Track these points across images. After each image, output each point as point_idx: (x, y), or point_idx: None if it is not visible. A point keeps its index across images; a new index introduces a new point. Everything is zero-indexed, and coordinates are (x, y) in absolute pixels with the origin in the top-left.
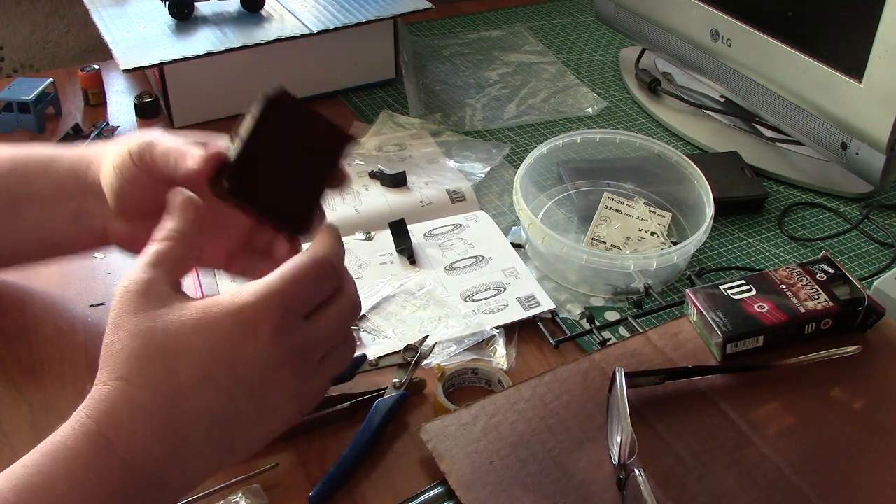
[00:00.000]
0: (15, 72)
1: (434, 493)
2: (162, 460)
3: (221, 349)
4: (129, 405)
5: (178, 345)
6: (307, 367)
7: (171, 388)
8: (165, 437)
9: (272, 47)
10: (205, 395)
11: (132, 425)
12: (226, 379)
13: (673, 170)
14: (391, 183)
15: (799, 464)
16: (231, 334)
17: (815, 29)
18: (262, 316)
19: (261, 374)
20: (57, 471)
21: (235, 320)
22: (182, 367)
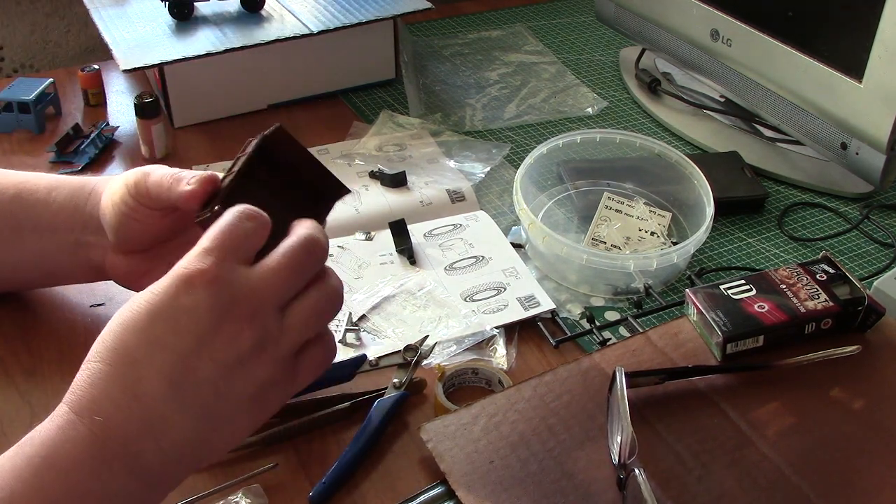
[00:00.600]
0: (15, 72)
1: (434, 493)
2: (127, 427)
3: (160, 307)
4: (93, 380)
5: (126, 317)
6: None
7: (122, 356)
8: (124, 404)
9: (272, 47)
10: (153, 356)
11: (94, 397)
12: (170, 336)
13: (673, 170)
14: (391, 183)
15: (799, 464)
16: (167, 291)
17: (815, 29)
18: (194, 268)
19: (205, 324)
20: (32, 451)
21: (173, 279)
22: (130, 336)
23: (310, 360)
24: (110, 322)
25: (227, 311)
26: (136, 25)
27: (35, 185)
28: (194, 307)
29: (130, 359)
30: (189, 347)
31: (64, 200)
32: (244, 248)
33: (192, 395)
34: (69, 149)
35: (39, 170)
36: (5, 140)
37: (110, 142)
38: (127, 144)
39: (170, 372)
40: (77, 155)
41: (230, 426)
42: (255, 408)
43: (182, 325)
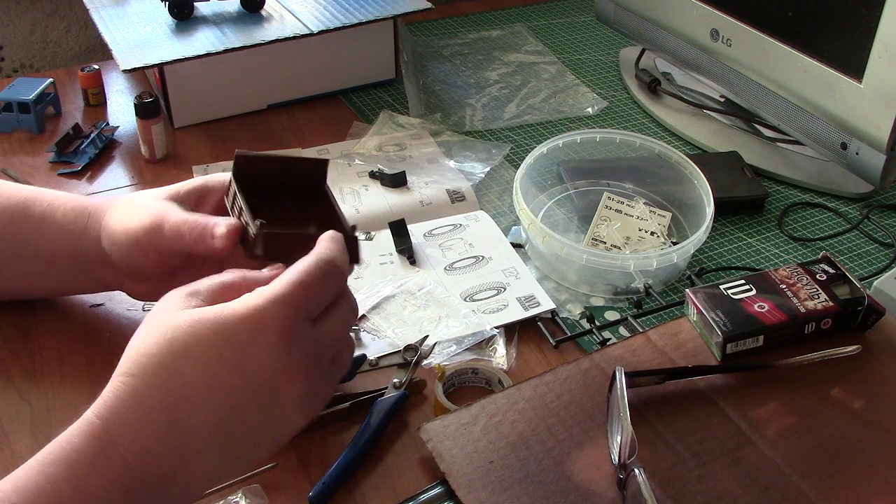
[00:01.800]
0: (15, 72)
1: (434, 493)
2: (164, 461)
3: (229, 351)
4: (135, 402)
5: (186, 344)
6: (317, 372)
7: (176, 388)
8: (168, 438)
9: (272, 47)
10: (210, 396)
11: (135, 423)
12: (232, 381)
13: (673, 170)
14: (391, 183)
15: (799, 464)
16: (239, 337)
17: (815, 29)
18: (271, 318)
19: (269, 378)
20: (60, 471)
21: (245, 323)
22: (188, 367)
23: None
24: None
25: (291, 371)
26: (136, 25)
27: (28, 208)
28: (263, 361)
29: (184, 394)
30: (247, 397)
31: (62, 224)
32: (318, 305)
33: (235, 440)
34: (69, 149)
35: (39, 169)
36: (5, 140)
37: (110, 142)
38: (127, 144)
39: (222, 416)
40: (77, 155)
41: (256, 461)
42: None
43: (248, 374)
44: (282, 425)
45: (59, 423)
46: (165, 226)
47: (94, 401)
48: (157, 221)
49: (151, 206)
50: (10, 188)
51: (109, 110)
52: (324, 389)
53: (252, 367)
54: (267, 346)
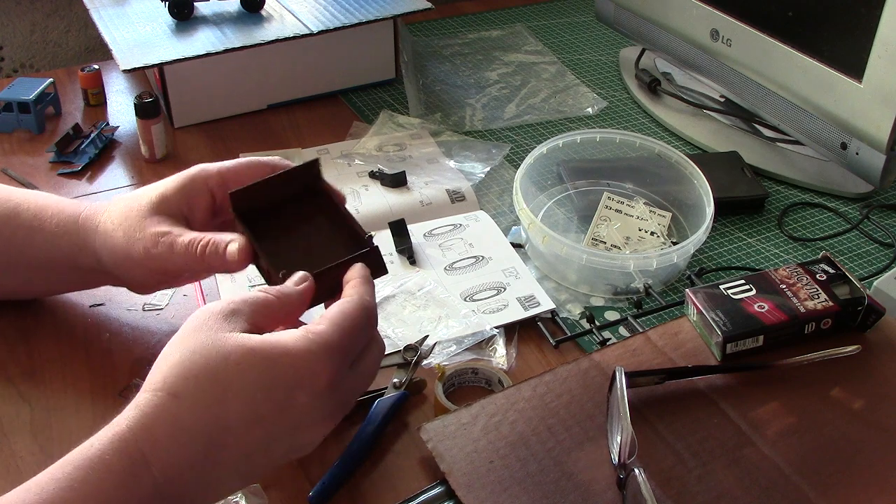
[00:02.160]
0: (15, 72)
1: (434, 493)
2: (191, 486)
3: (277, 392)
4: (172, 424)
5: (234, 375)
6: (344, 410)
7: (217, 417)
8: (200, 465)
9: (272, 47)
10: (249, 431)
11: (171, 446)
12: (273, 420)
13: (673, 170)
14: (391, 183)
15: (799, 464)
16: (287, 378)
17: (815, 29)
18: (321, 365)
19: (306, 420)
20: (89, 487)
21: (294, 364)
22: (232, 399)
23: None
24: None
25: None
26: (136, 25)
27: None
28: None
29: (225, 426)
30: (282, 434)
31: (54, 234)
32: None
33: (258, 469)
34: (69, 149)
35: (39, 169)
36: (5, 140)
37: (110, 142)
38: (127, 144)
39: (254, 450)
40: (77, 155)
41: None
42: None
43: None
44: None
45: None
46: (175, 248)
47: (94, 400)
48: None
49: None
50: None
51: (109, 110)
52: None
53: (296, 409)
54: (314, 391)
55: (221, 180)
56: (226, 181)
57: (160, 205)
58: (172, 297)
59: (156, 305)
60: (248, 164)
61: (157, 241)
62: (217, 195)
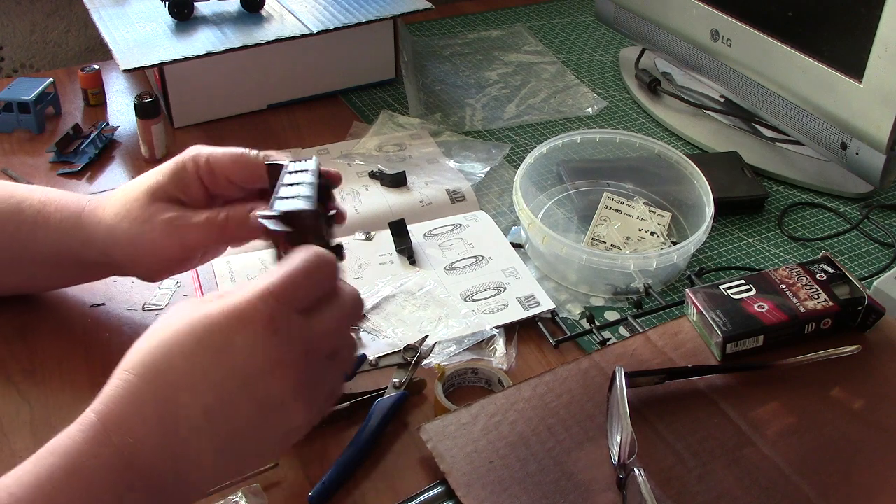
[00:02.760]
0: (15, 72)
1: (434, 493)
2: (157, 453)
3: (213, 341)
4: (129, 397)
5: (178, 338)
6: (312, 365)
7: (167, 380)
8: (158, 429)
9: (272, 47)
10: (197, 388)
11: (127, 415)
12: (218, 371)
13: (673, 170)
14: (391, 183)
15: (799, 464)
16: (223, 327)
17: (815, 29)
18: (255, 309)
19: (256, 368)
20: (57, 461)
21: (229, 313)
22: (178, 361)
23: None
24: (152, 333)
25: (280, 361)
26: (136, 25)
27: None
28: (249, 349)
29: (173, 384)
30: (236, 386)
31: (58, 229)
32: (307, 299)
33: (226, 432)
34: (69, 149)
35: (39, 169)
36: (5, 140)
37: (110, 142)
38: (127, 144)
39: (211, 407)
40: (77, 155)
41: (256, 460)
42: (284, 444)
43: (233, 363)
44: (283, 419)
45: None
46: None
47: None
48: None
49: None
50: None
51: (109, 110)
52: (324, 384)
53: (237, 357)
54: (250, 336)
55: (209, 170)
56: (214, 172)
57: (156, 192)
58: (172, 297)
59: (156, 305)
60: (235, 157)
61: (171, 225)
62: (207, 182)
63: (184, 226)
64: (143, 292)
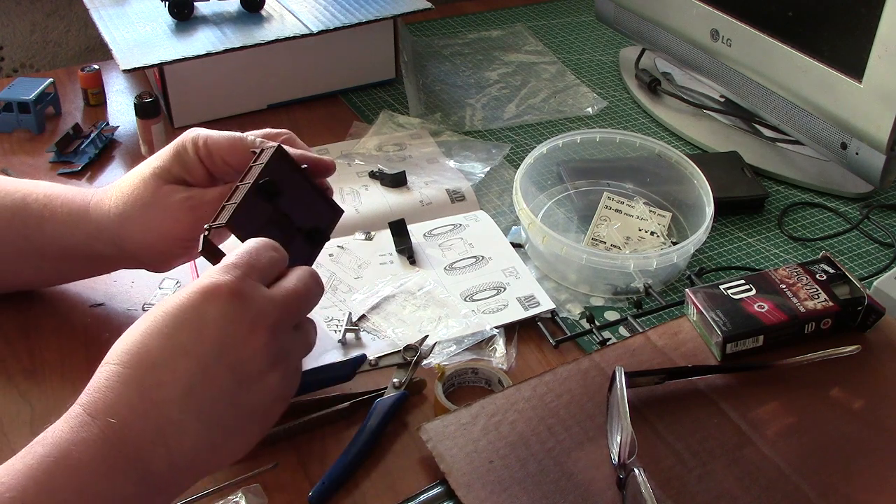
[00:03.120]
0: (15, 72)
1: (434, 493)
2: (143, 433)
3: (186, 317)
4: (110, 383)
5: (155, 323)
6: (280, 334)
7: (143, 361)
8: (140, 407)
9: (272, 47)
10: (175, 362)
11: (109, 400)
12: (193, 344)
13: (673, 170)
14: (391, 183)
15: (799, 464)
16: (194, 302)
17: (815, 29)
18: (220, 280)
19: (229, 335)
20: (46, 450)
21: (199, 289)
22: (153, 341)
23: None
24: (132, 327)
25: (251, 323)
26: (136, 25)
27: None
28: (219, 317)
29: (151, 363)
30: (211, 356)
31: (65, 223)
32: (266, 272)
33: (208, 403)
34: (69, 149)
35: (39, 169)
36: (5, 140)
37: (110, 142)
38: (127, 144)
39: (189, 379)
40: (77, 155)
41: (240, 436)
42: (264, 419)
43: (206, 333)
44: (261, 389)
45: None
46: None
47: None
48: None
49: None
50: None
51: (109, 110)
52: (294, 355)
53: (209, 326)
54: (219, 304)
55: (207, 152)
56: (212, 154)
57: (162, 174)
58: None
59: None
60: (232, 140)
61: (186, 204)
62: (206, 164)
63: (198, 204)
64: (143, 292)
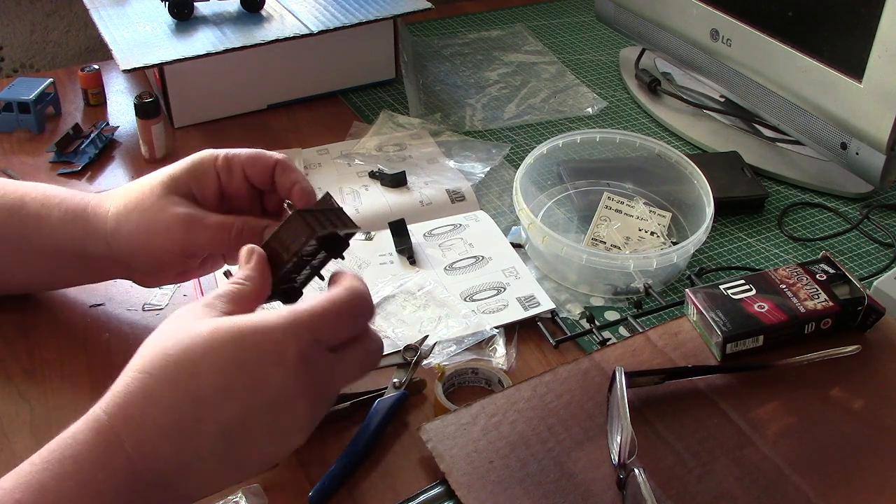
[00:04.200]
0: (15, 72)
1: (434, 493)
2: (168, 463)
3: (247, 363)
4: (144, 398)
5: (205, 350)
6: (324, 397)
7: (189, 389)
8: (175, 440)
9: (272, 47)
10: (222, 404)
11: (143, 419)
12: (246, 393)
13: (673, 170)
14: (391, 183)
15: (799, 464)
16: (258, 351)
17: (815, 29)
18: (291, 339)
19: (281, 396)
20: (65, 468)
21: (265, 338)
22: (204, 372)
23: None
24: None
25: (303, 393)
26: (136, 25)
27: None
28: (277, 379)
29: (196, 396)
30: (257, 410)
31: (63, 224)
32: (339, 335)
33: (239, 450)
34: (69, 149)
35: (39, 169)
36: (5, 140)
37: (110, 142)
38: (127, 144)
39: (231, 425)
40: (77, 155)
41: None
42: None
43: (261, 389)
44: (282, 443)
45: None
46: (203, 230)
47: (94, 400)
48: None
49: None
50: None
51: (109, 110)
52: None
53: (268, 381)
54: (285, 364)
55: (227, 164)
56: (231, 167)
57: (171, 185)
58: (172, 297)
59: (156, 305)
60: (254, 155)
61: (183, 220)
62: (223, 178)
63: (196, 224)
64: (143, 292)
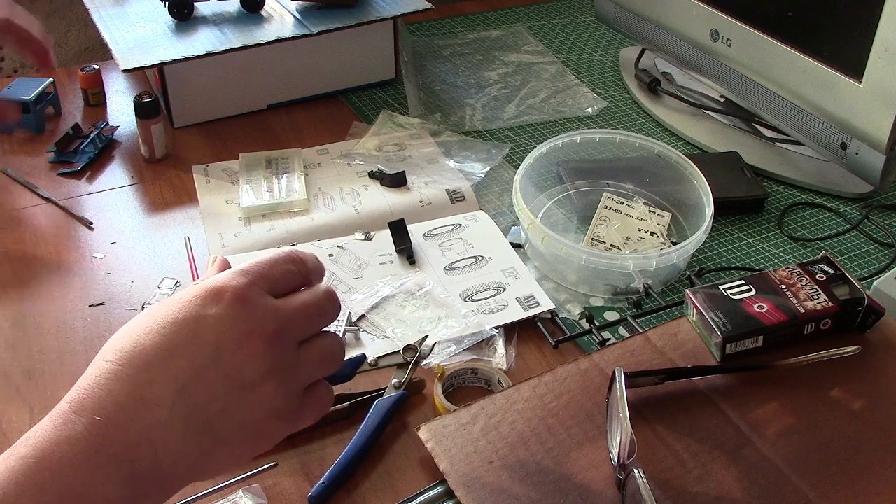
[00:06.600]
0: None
1: (433, 493)
2: (128, 432)
3: (184, 315)
4: (97, 378)
5: (148, 319)
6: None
7: (136, 358)
8: (127, 405)
9: (272, 47)
10: (168, 361)
11: (98, 397)
12: (188, 345)
13: (673, 170)
14: (391, 183)
15: (799, 464)
16: (194, 301)
17: (815, 29)
18: (224, 283)
19: (226, 338)
20: (28, 450)
21: (200, 289)
22: (148, 339)
23: (314, 402)
24: (128, 324)
25: (250, 330)
26: (136, 25)
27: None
28: (219, 319)
29: (144, 361)
30: (206, 359)
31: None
32: (279, 284)
33: (198, 406)
34: (69, 148)
35: (39, 169)
36: (5, 140)
37: (110, 141)
38: (126, 144)
39: (182, 380)
40: (77, 155)
41: (228, 448)
42: (256, 436)
43: (202, 335)
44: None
45: None
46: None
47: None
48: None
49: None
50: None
51: (109, 110)
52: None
53: (206, 329)
54: (220, 307)
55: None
56: None
57: None
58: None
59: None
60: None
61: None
62: None
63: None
64: (142, 292)
